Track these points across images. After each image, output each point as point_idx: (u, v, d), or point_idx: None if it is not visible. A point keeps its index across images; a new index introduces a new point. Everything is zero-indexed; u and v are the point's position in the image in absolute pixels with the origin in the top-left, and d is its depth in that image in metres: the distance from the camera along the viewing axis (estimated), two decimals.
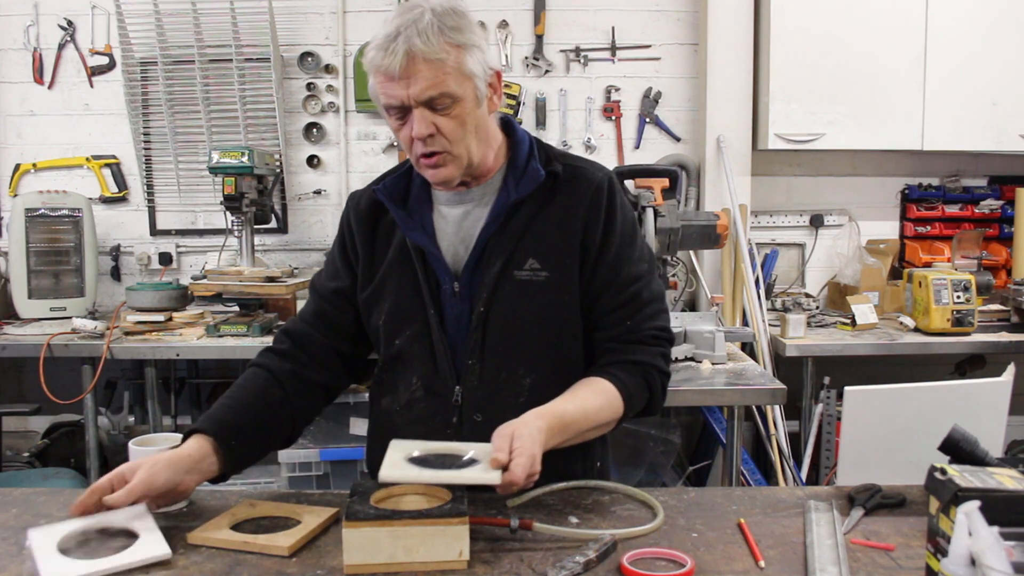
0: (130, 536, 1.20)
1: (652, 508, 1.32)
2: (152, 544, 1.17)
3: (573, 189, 1.42)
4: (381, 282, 1.46)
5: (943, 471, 1.04)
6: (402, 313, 1.44)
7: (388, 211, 1.46)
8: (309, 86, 3.61)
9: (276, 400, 1.45)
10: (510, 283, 1.39)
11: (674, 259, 2.73)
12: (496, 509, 1.30)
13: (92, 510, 1.22)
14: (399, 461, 1.19)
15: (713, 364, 2.60)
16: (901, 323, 3.24)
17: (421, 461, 1.21)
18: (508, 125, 1.48)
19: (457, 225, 1.44)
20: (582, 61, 3.63)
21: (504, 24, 3.60)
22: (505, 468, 1.16)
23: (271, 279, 2.99)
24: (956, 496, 0.97)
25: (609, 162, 3.62)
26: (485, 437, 1.31)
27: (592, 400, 1.37)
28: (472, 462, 1.20)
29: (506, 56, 3.61)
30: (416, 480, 1.13)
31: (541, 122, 3.64)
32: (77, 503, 1.22)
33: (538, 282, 1.39)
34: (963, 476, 1.02)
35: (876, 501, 1.34)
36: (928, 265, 3.51)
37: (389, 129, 3.62)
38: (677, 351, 2.60)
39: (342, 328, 1.52)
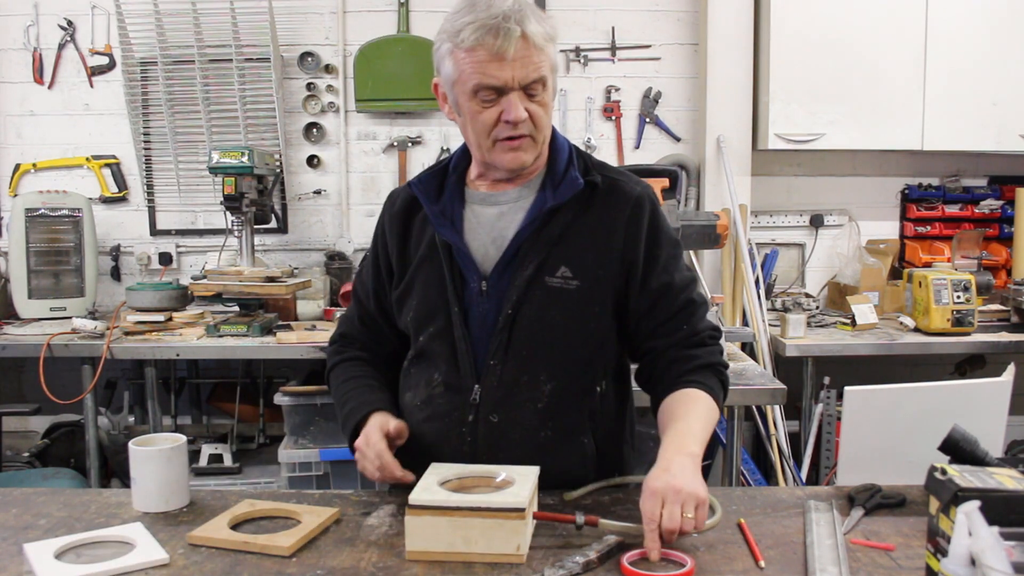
0: (126, 546, 1.20)
1: (710, 505, 1.31)
2: (150, 550, 1.17)
3: (611, 202, 1.43)
4: (411, 279, 1.47)
5: (943, 471, 1.04)
6: (428, 309, 1.44)
7: (421, 209, 1.47)
8: (309, 86, 3.61)
9: (383, 377, 1.57)
10: (541, 288, 1.39)
11: None
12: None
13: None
14: (431, 484, 1.21)
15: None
16: (901, 323, 3.24)
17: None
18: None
19: (490, 225, 1.44)
20: (582, 61, 3.63)
21: None
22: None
23: (271, 279, 2.99)
24: (956, 496, 0.97)
25: (609, 162, 3.62)
26: (499, 438, 1.37)
27: (702, 409, 1.37)
28: (504, 485, 1.22)
29: None
30: (445, 504, 1.15)
31: None
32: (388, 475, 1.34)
33: (569, 290, 1.39)
34: (963, 476, 1.02)
35: (876, 501, 1.34)
36: (928, 265, 3.51)
37: (389, 129, 3.65)
38: None
39: (391, 331, 1.56)
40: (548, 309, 1.39)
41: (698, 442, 1.30)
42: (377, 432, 1.37)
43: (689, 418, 1.35)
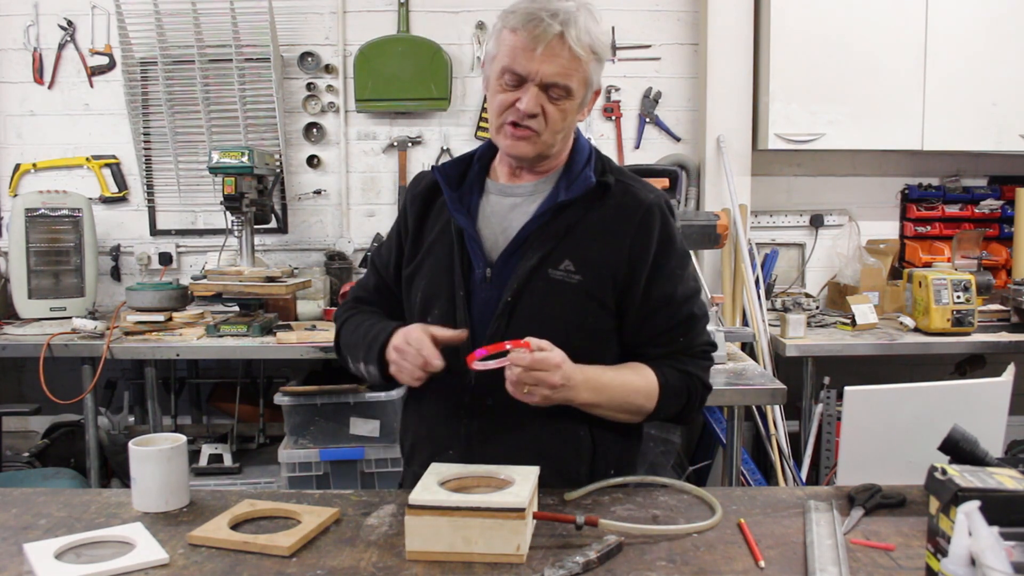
0: (126, 546, 1.20)
1: (710, 505, 1.34)
2: (150, 550, 1.17)
3: (623, 204, 1.46)
4: (422, 260, 1.52)
5: (943, 471, 1.04)
6: (434, 291, 1.48)
7: (441, 194, 1.51)
8: (309, 86, 3.61)
9: None
10: (543, 279, 1.42)
11: None
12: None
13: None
14: (431, 484, 1.21)
15: (713, 364, 2.59)
16: (901, 323, 3.24)
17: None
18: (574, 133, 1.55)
19: (502, 215, 1.48)
20: None
21: None
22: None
23: (271, 279, 2.99)
24: (956, 496, 0.97)
25: None
26: (495, 421, 1.40)
27: (631, 378, 1.43)
28: (504, 485, 1.22)
29: None
30: (445, 504, 1.15)
31: None
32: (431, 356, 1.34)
33: (570, 284, 1.42)
34: (963, 476, 1.02)
35: (876, 501, 1.34)
36: (928, 265, 3.51)
37: (389, 129, 3.65)
38: None
39: (400, 303, 1.59)
40: (548, 300, 1.42)
41: (594, 385, 1.39)
42: (416, 329, 1.38)
43: (612, 371, 1.44)
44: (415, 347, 1.35)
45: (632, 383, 1.44)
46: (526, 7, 1.35)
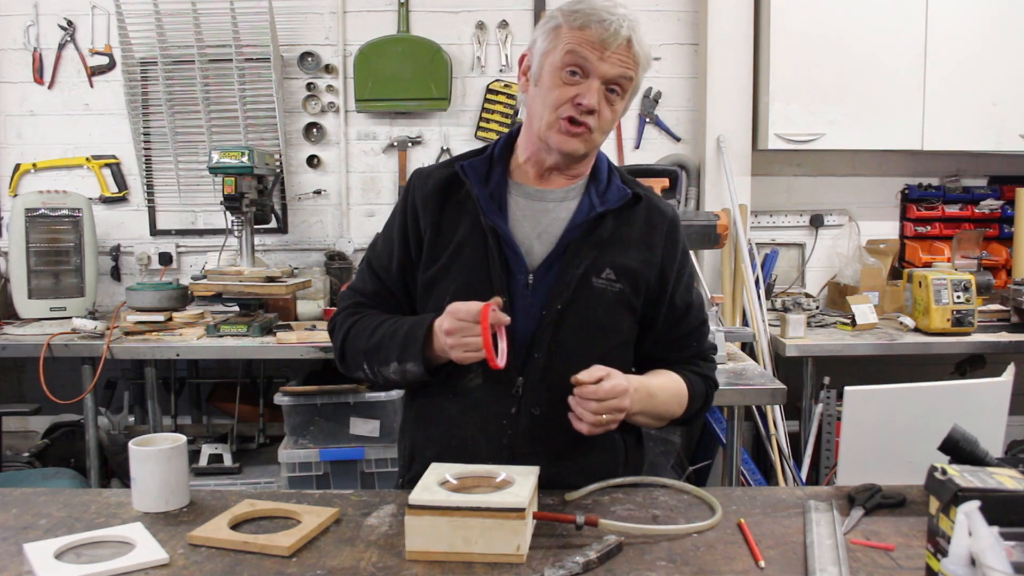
0: (126, 546, 1.20)
1: (710, 505, 1.35)
2: (150, 550, 1.17)
3: (652, 216, 1.51)
4: (448, 262, 1.46)
5: (943, 471, 1.04)
6: (469, 295, 1.41)
7: (458, 191, 1.48)
8: (309, 86, 3.61)
9: None
10: (588, 288, 1.44)
11: None
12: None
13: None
14: (431, 484, 1.21)
15: (716, 366, 2.59)
16: (901, 323, 3.24)
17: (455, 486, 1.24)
18: None
19: (535, 219, 1.47)
20: None
21: (504, 24, 3.60)
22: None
23: (271, 279, 2.99)
24: (956, 496, 0.97)
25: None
26: (540, 430, 1.40)
27: (669, 385, 1.49)
28: (504, 485, 1.23)
29: (506, 56, 3.61)
30: (445, 504, 1.15)
31: None
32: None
33: (612, 291, 1.45)
34: (963, 476, 1.02)
35: (876, 501, 1.35)
36: (928, 265, 3.51)
37: (389, 129, 3.65)
38: None
39: (404, 307, 1.54)
40: (593, 308, 1.44)
41: (644, 397, 1.42)
42: (459, 304, 1.32)
43: (658, 379, 1.49)
44: (471, 319, 1.29)
45: (671, 390, 1.49)
46: (590, 7, 1.37)
